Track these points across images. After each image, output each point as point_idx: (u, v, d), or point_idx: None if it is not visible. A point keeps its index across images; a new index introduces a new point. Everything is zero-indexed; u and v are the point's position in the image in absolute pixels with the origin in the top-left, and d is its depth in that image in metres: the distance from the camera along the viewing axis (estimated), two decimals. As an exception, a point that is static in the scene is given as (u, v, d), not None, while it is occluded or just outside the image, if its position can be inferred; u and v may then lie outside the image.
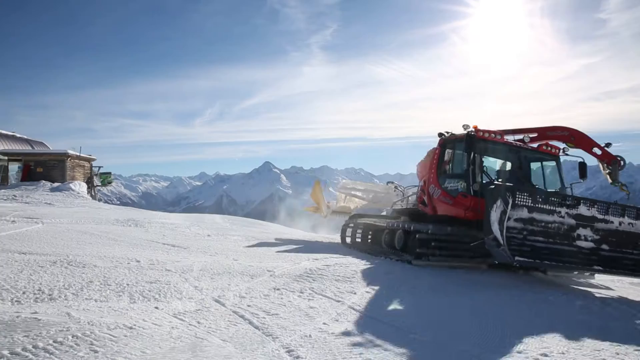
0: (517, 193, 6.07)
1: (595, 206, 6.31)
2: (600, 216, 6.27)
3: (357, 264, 7.22)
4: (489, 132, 8.25)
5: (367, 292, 5.43)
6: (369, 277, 6.27)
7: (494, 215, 5.95)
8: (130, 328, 3.56)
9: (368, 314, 4.50)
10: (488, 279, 6.77)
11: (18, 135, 32.61)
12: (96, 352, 3.05)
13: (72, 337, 3.26)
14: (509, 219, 5.95)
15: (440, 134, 8.99)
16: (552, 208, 6.16)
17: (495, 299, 5.46)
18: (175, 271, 5.96)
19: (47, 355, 2.94)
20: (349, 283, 5.83)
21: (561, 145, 8.75)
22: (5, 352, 2.92)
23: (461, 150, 8.49)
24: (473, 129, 8.17)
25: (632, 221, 6.40)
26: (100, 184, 32.99)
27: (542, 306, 5.29)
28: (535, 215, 6.10)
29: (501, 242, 5.88)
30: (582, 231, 6.23)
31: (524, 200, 6.09)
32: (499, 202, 5.93)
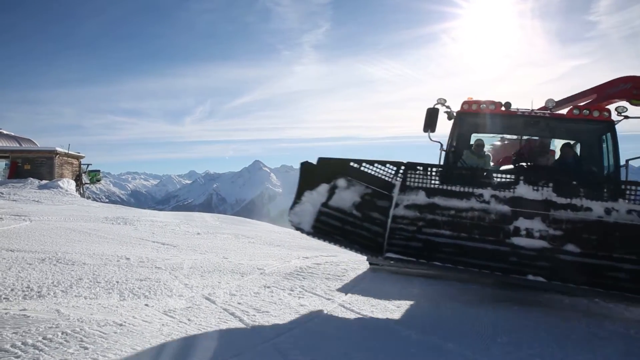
0: (409, 171, 4.86)
1: (551, 185, 4.44)
2: (562, 200, 4.38)
3: (347, 263, 7.27)
4: (479, 102, 6.78)
5: (357, 290, 5.47)
6: (359, 276, 6.31)
7: (313, 196, 4.88)
8: (120, 325, 3.56)
9: (358, 312, 4.54)
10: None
11: (5, 132, 32.20)
12: (86, 348, 3.05)
13: (62, 333, 3.25)
14: (397, 205, 4.82)
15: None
16: (467, 190, 4.65)
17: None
18: (165, 269, 5.96)
19: (37, 352, 2.94)
20: (340, 281, 5.87)
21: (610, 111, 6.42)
22: (-5, 349, 2.91)
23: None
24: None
25: (637, 207, 4.21)
26: (88, 182, 32.72)
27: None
28: (439, 201, 4.72)
29: (305, 229, 4.87)
30: (523, 223, 4.45)
31: (419, 180, 4.82)
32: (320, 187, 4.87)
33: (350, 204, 4.94)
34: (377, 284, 5.89)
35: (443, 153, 6.94)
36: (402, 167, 4.93)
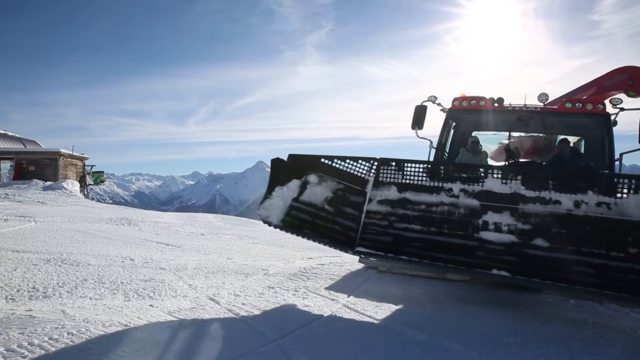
0: (382, 167, 4.87)
1: (519, 178, 4.35)
2: (530, 193, 4.28)
3: (351, 264, 7.26)
4: (469, 99, 6.74)
5: (361, 291, 5.46)
6: (363, 276, 6.30)
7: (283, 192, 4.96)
8: (126, 326, 3.57)
9: (362, 312, 4.54)
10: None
11: (10, 133, 32.40)
12: (92, 349, 3.07)
13: (68, 334, 3.26)
14: (370, 201, 4.85)
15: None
16: (436, 185, 4.65)
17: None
18: (170, 269, 5.97)
19: (43, 352, 2.95)
20: (343, 282, 5.86)
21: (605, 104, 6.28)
22: (1, 349, 2.93)
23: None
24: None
25: (607, 200, 4.02)
26: (92, 183, 32.86)
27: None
28: (410, 195, 4.72)
29: (273, 222, 4.95)
30: (491, 217, 4.38)
31: (391, 175, 4.83)
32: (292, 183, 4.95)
33: (322, 199, 4.99)
34: (381, 284, 5.87)
35: (433, 150, 6.99)
36: (375, 163, 4.95)
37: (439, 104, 7.00)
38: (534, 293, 5.76)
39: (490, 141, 7.89)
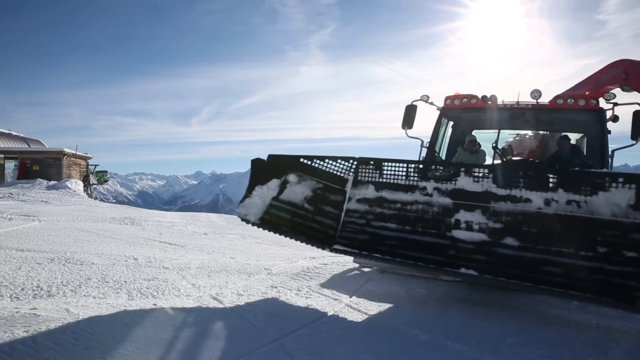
0: (361, 166, 4.92)
1: (491, 176, 4.27)
2: (502, 192, 4.20)
3: (354, 263, 7.25)
4: (461, 97, 6.74)
5: (363, 291, 5.46)
6: (366, 276, 6.31)
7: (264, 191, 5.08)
8: (129, 324, 3.58)
9: (365, 312, 4.54)
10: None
11: (14, 133, 32.53)
12: (95, 348, 3.08)
13: (71, 332, 3.28)
14: (349, 199, 4.91)
15: None
16: (411, 183, 4.65)
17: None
18: (173, 269, 5.98)
19: (47, 350, 2.97)
20: (346, 281, 5.87)
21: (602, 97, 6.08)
22: (6, 347, 2.94)
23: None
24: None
25: (576, 198, 3.89)
26: (96, 183, 32.98)
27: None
28: (386, 194, 4.75)
29: (251, 220, 5.10)
30: (463, 215, 4.33)
31: (369, 175, 4.86)
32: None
33: (301, 198, 5.08)
34: (383, 284, 5.87)
35: (425, 150, 7.03)
36: (354, 163, 5.00)
37: (431, 103, 7.03)
38: (535, 294, 5.75)
39: (488, 140, 7.85)
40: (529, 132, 7.89)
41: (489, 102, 6.71)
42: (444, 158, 7.54)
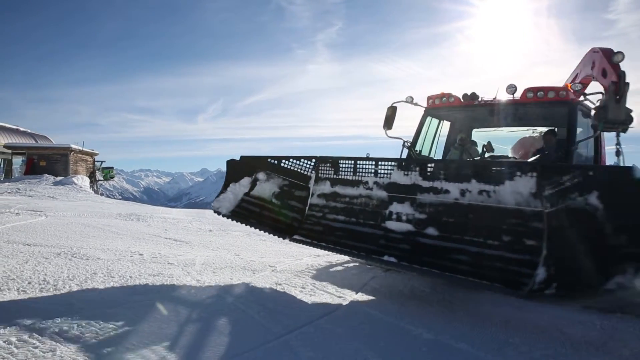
0: (321, 164, 5.35)
1: (417, 169, 4.49)
2: (426, 183, 4.40)
3: (359, 261, 7.25)
4: (441, 96, 6.91)
5: (368, 289, 5.46)
6: (370, 274, 6.30)
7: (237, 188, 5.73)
8: (134, 319, 3.61)
9: (369, 310, 4.54)
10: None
11: (22, 129, 32.78)
12: (101, 341, 3.11)
13: (77, 326, 3.31)
14: (312, 195, 5.39)
15: None
16: (356, 178, 4.99)
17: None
18: (178, 265, 6.01)
19: (54, 343, 3.00)
20: (350, 279, 5.86)
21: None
22: (13, 339, 2.98)
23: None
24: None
25: (487, 187, 4.00)
26: (102, 179, 33.17)
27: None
28: (338, 189, 5.14)
29: (222, 212, 5.77)
30: (395, 207, 4.57)
31: (326, 172, 5.30)
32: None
33: (270, 194, 5.68)
34: (388, 283, 5.87)
35: (406, 150, 7.26)
36: (315, 161, 5.49)
37: (416, 104, 7.22)
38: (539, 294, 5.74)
39: (480, 138, 7.86)
40: (537, 131, 7.87)
41: (466, 100, 6.74)
42: (440, 157, 7.72)
